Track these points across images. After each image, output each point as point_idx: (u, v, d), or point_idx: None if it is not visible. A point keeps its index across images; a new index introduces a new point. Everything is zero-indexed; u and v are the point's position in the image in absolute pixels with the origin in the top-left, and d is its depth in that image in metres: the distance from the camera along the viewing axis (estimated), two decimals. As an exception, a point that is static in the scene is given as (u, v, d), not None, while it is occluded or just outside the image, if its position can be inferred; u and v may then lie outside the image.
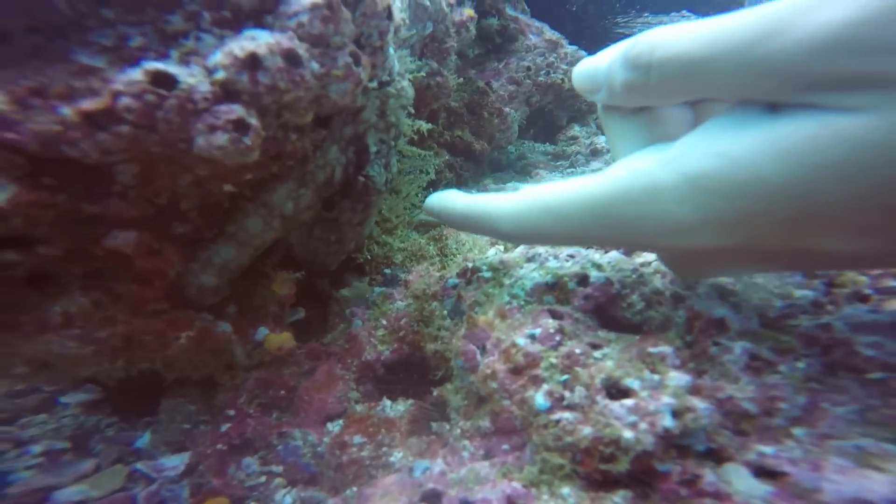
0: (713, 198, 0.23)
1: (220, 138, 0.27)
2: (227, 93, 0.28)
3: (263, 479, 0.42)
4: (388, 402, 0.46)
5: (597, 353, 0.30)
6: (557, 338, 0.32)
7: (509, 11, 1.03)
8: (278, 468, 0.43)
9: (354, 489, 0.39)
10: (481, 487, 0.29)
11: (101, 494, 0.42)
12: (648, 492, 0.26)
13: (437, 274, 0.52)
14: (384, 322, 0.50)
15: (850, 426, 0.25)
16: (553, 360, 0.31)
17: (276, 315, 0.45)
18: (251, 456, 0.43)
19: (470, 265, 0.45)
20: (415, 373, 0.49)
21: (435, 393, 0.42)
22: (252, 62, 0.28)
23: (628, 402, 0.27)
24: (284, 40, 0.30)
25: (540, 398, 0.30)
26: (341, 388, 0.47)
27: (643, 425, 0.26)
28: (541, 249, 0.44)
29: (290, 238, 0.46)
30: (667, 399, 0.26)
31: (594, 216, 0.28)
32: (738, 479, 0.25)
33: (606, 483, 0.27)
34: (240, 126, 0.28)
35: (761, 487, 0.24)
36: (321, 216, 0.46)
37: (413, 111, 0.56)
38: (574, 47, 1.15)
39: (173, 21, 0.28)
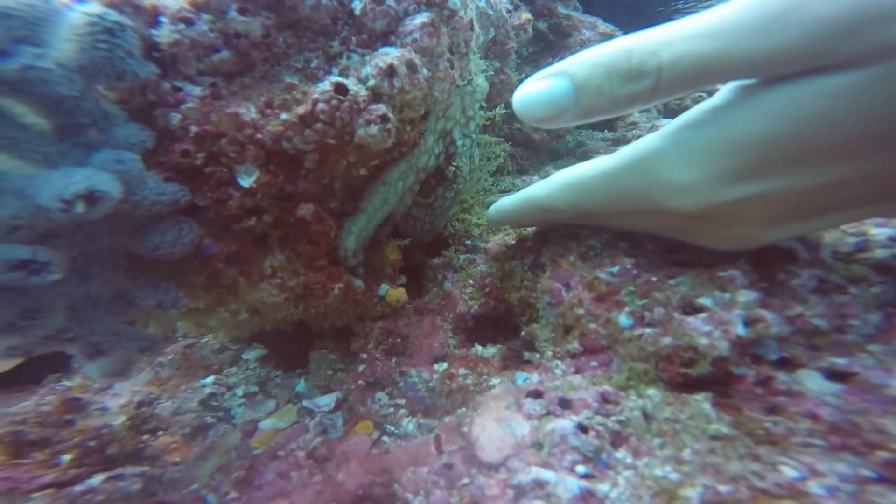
0: (712, 156, 0.27)
1: (374, 129, 0.38)
2: (375, 96, 0.39)
3: (392, 409, 0.53)
4: (479, 347, 0.54)
5: (671, 281, 0.35)
6: (634, 271, 0.38)
7: (561, 10, 1.09)
8: (402, 401, 0.53)
9: (464, 409, 0.47)
10: (576, 392, 0.36)
11: (285, 425, 0.57)
12: (728, 392, 0.31)
13: (513, 241, 0.60)
14: (471, 281, 0.59)
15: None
16: (632, 288, 0.37)
17: (390, 276, 0.57)
18: (381, 391, 0.55)
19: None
20: (501, 322, 0.56)
21: (523, 333, 0.49)
22: (390, 71, 0.39)
23: (702, 315, 0.32)
24: (406, 53, 0.41)
25: (623, 318, 0.36)
26: (442, 336, 0.56)
27: (717, 333, 0.31)
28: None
29: (395, 217, 0.57)
30: (738, 311, 0.31)
31: (609, 187, 0.33)
32: (810, 380, 0.29)
33: (688, 385, 0.32)
34: (384, 119, 0.39)
35: (832, 386, 0.28)
36: (417, 202, 0.57)
37: (485, 105, 0.65)
38: None
39: (334, 45, 0.40)
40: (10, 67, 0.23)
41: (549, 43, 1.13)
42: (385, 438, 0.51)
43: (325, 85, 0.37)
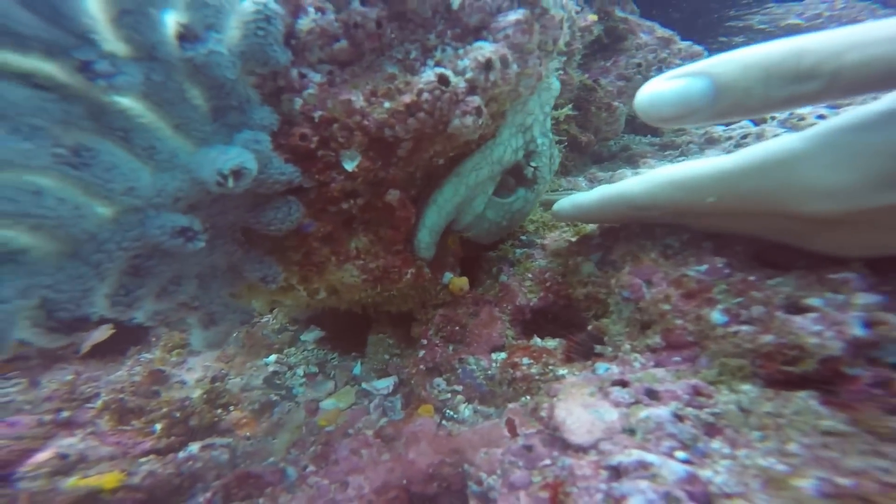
0: (874, 159, 0.26)
1: (469, 119, 0.40)
2: (472, 88, 0.41)
3: (449, 395, 0.55)
4: (538, 339, 0.55)
5: (770, 282, 0.35)
6: (726, 271, 0.38)
7: (618, 13, 1.08)
8: (459, 387, 0.55)
9: (529, 397, 0.48)
10: (661, 384, 0.36)
11: (345, 406, 0.60)
12: (835, 391, 0.30)
13: (573, 238, 0.60)
14: (529, 275, 0.60)
15: None
16: (725, 286, 0.37)
17: (452, 265, 0.59)
18: (440, 377, 0.56)
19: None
20: (560, 317, 0.57)
21: (590, 327, 0.50)
22: (487, 65, 0.40)
23: (812, 315, 0.32)
24: (500, 48, 0.42)
25: (717, 315, 0.36)
26: (500, 327, 0.58)
27: (829, 333, 0.30)
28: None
29: (462, 219, 0.57)
30: (856, 313, 0.30)
31: (727, 187, 0.33)
32: None
33: (788, 383, 0.32)
34: (478, 112, 0.40)
35: None
36: (494, 202, 0.58)
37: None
38: (688, 43, 1.14)
39: (430, 38, 0.42)
40: (200, 52, 0.25)
41: (603, 46, 1.13)
42: (444, 423, 0.53)
43: (430, 75, 0.39)
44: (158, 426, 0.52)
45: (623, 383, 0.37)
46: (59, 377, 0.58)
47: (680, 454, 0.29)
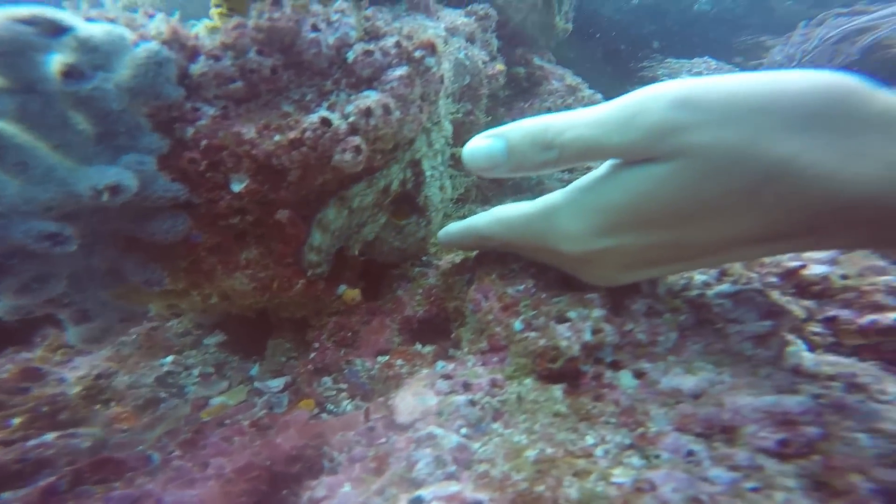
0: (590, 214, 0.39)
1: (348, 155, 0.48)
2: (353, 129, 0.49)
3: (334, 392, 0.62)
4: (419, 346, 0.64)
5: (554, 299, 0.48)
6: (533, 290, 0.50)
7: (536, 61, 1.26)
8: (344, 385, 0.62)
9: (395, 391, 0.57)
10: (477, 378, 0.47)
11: (234, 403, 0.63)
12: (576, 384, 0.43)
13: (459, 261, 0.71)
14: (420, 291, 0.69)
15: (697, 355, 0.40)
16: (528, 302, 0.48)
17: (349, 278, 0.66)
18: (328, 376, 0.63)
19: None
20: (440, 327, 0.67)
21: (453, 335, 0.60)
22: (367, 112, 0.49)
23: (566, 324, 0.44)
24: (384, 98, 0.52)
25: (518, 324, 0.47)
26: (388, 334, 0.66)
27: (574, 338, 0.42)
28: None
29: (353, 246, 0.65)
30: (589, 323, 0.43)
31: (526, 226, 0.45)
32: (624, 378, 0.41)
33: (552, 378, 0.44)
34: (357, 150, 0.49)
35: (633, 382, 0.40)
36: (391, 223, 0.66)
37: (452, 142, 0.77)
38: (591, 91, 1.34)
39: (327, 84, 0.51)
40: (84, 88, 0.31)
41: (524, 89, 1.30)
42: (324, 415, 0.59)
43: (314, 118, 0.47)
44: (16, 420, 0.51)
45: (448, 377, 0.47)
46: None
47: (463, 430, 0.39)
